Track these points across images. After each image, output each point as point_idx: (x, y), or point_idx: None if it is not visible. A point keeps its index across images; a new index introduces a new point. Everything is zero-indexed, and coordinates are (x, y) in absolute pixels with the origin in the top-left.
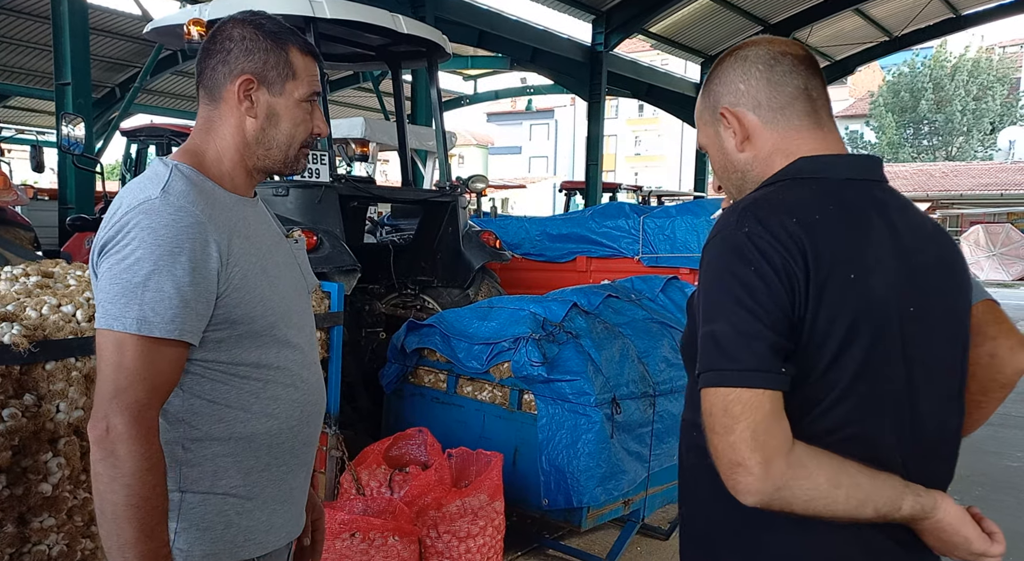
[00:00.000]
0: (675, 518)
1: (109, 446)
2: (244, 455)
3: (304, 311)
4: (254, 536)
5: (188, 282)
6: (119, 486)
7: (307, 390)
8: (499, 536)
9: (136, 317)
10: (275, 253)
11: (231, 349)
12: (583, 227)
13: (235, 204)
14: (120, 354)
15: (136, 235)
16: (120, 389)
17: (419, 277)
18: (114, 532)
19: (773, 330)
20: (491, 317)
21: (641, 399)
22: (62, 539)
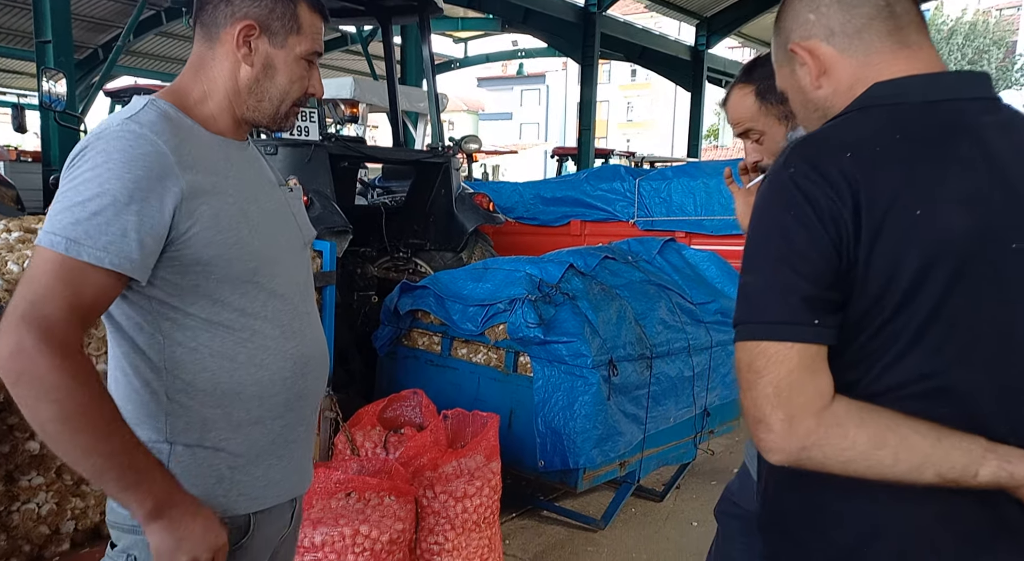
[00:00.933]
0: (670, 480)
1: (23, 365)
2: (233, 407)
3: (297, 262)
4: (249, 491)
5: (134, 210)
6: (50, 402)
7: (301, 342)
8: (496, 496)
9: (67, 236)
10: (262, 199)
11: (211, 295)
12: (577, 190)
13: (216, 144)
14: (43, 272)
15: (90, 157)
16: (31, 304)
17: (411, 240)
18: (69, 446)
19: (810, 280)
20: (486, 278)
21: (638, 361)
22: (51, 498)
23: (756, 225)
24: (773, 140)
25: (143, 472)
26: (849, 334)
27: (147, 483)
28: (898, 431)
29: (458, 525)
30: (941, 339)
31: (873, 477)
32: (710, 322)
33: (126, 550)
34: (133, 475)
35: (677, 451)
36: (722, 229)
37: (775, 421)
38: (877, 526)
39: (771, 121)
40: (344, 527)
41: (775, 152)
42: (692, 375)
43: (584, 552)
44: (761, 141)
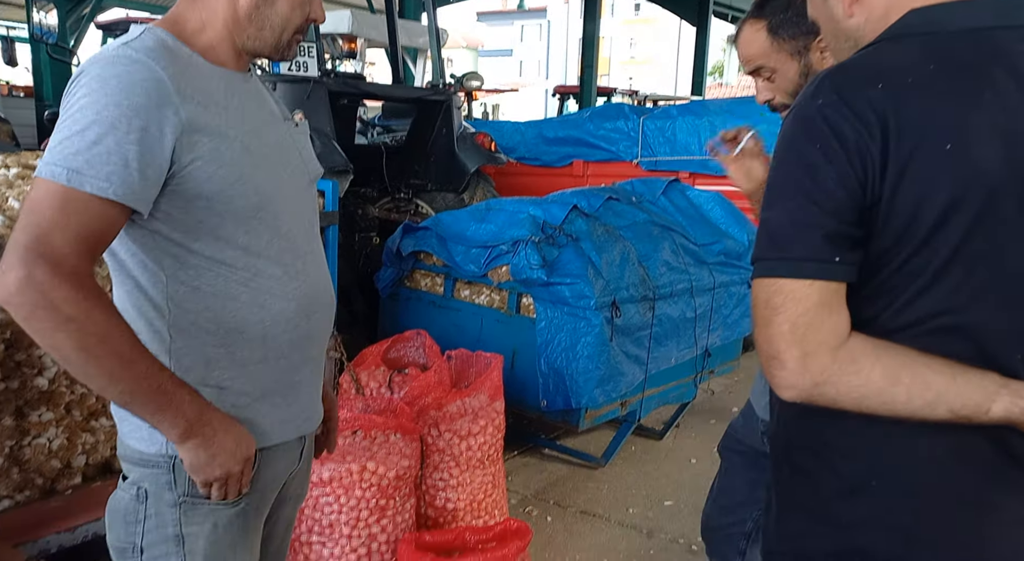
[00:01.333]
0: (670, 419)
1: (35, 297)
2: (236, 347)
3: (301, 199)
4: (256, 429)
5: (135, 140)
6: (69, 332)
7: (305, 281)
8: (499, 435)
9: (68, 166)
10: (265, 133)
11: (213, 231)
12: (580, 130)
13: (215, 74)
14: (47, 204)
15: (85, 83)
16: (37, 237)
17: (412, 180)
18: (95, 374)
19: (834, 216)
20: (489, 219)
21: (641, 303)
22: (62, 433)
23: (782, 158)
24: (785, 77)
25: (171, 394)
26: (869, 270)
27: (177, 404)
28: (913, 368)
29: (462, 462)
30: (962, 276)
31: (886, 413)
32: (713, 263)
33: (136, 482)
34: (162, 398)
35: (677, 391)
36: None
37: (789, 358)
38: (888, 459)
39: (783, 58)
40: (352, 463)
41: (787, 89)
42: (694, 316)
43: (585, 488)
44: (773, 79)
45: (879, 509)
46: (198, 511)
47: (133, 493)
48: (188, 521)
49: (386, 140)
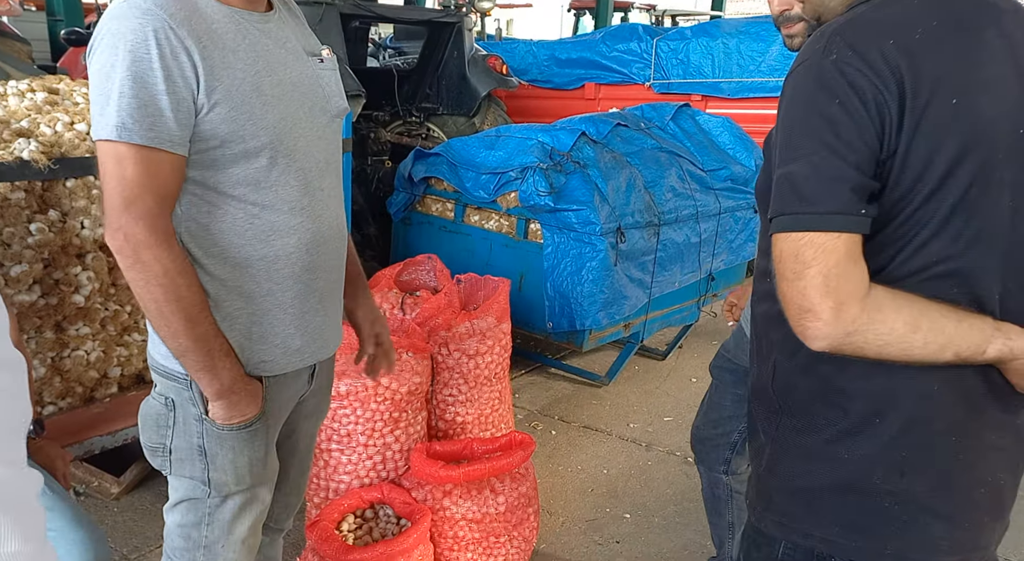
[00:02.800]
0: (673, 340)
1: (132, 254)
2: (243, 280)
3: (320, 135)
4: (267, 357)
5: (163, 90)
6: (155, 287)
7: (311, 216)
8: (506, 354)
9: (116, 124)
10: (281, 70)
11: (225, 169)
12: (593, 51)
13: (227, 16)
14: (120, 166)
15: (107, 41)
16: (129, 200)
17: (424, 104)
18: (162, 324)
19: (858, 170)
20: (498, 146)
21: (646, 228)
22: (98, 346)
23: (799, 113)
24: None
25: (217, 358)
26: (879, 221)
27: (219, 368)
28: (928, 315)
29: (470, 379)
30: (961, 225)
31: (901, 359)
32: (720, 188)
33: (163, 393)
34: (210, 359)
35: (681, 313)
36: (738, 92)
37: (824, 309)
38: (889, 398)
39: None
40: (366, 379)
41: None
42: (699, 241)
43: (588, 405)
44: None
45: (879, 444)
46: (213, 427)
47: (162, 401)
48: (208, 436)
49: (398, 63)
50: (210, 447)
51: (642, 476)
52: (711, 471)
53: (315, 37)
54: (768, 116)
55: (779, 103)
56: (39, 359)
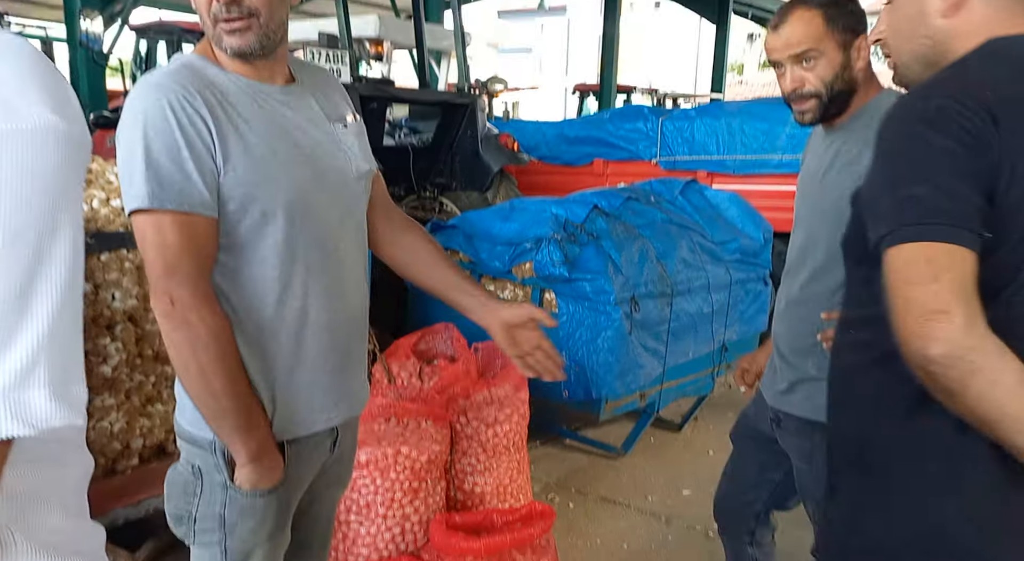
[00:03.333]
0: (688, 411)
1: (179, 316)
2: (263, 342)
3: (342, 195)
4: (292, 418)
5: (186, 156)
6: (200, 348)
7: (327, 276)
8: (524, 423)
9: (146, 193)
10: (299, 136)
11: (242, 231)
12: (600, 129)
13: (240, 88)
14: (159, 232)
15: (128, 119)
16: (171, 265)
17: (437, 179)
18: (204, 386)
19: (979, 194)
20: (513, 218)
21: (659, 298)
22: (122, 417)
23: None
24: (829, 65)
25: (253, 419)
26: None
27: (254, 429)
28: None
29: (489, 448)
30: None
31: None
32: (729, 260)
33: (189, 460)
34: (245, 420)
35: (695, 384)
36: (743, 168)
37: (959, 313)
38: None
39: (832, 46)
40: (387, 448)
41: (824, 78)
42: (711, 312)
43: (605, 476)
44: (813, 66)
45: (962, 502)
46: (237, 494)
47: (189, 469)
48: (231, 504)
49: (413, 141)
50: (230, 515)
51: (663, 551)
52: (735, 542)
53: (347, 102)
54: (774, 192)
55: (878, 151)
56: None
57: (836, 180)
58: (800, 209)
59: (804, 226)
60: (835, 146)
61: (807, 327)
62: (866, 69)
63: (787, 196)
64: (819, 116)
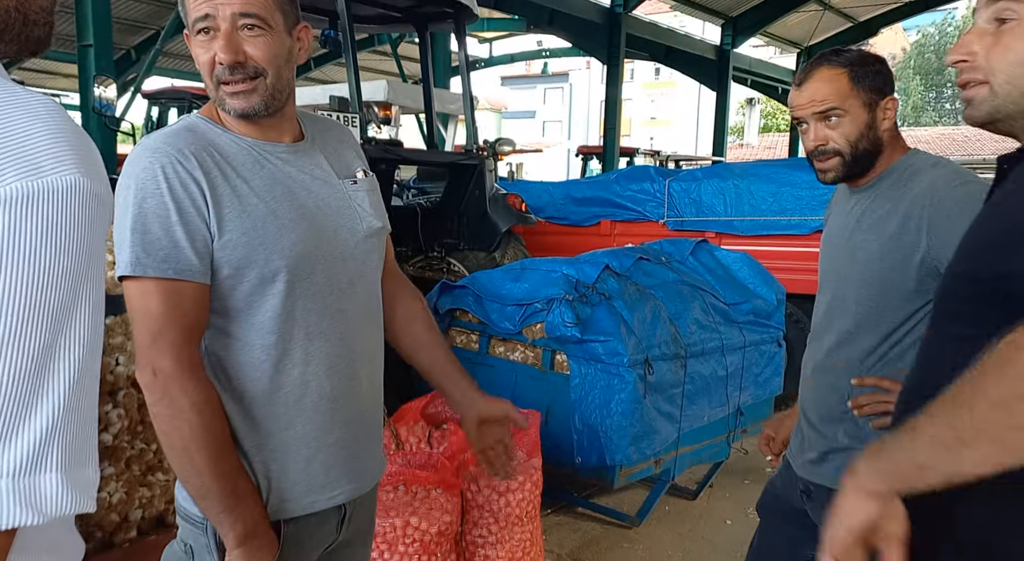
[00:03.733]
0: (703, 478)
1: (160, 388)
2: (261, 414)
3: (351, 255)
4: (289, 496)
5: (176, 221)
6: (181, 422)
7: (329, 341)
8: (537, 491)
9: (130, 260)
10: (304, 196)
11: (239, 297)
12: (607, 191)
13: (242, 148)
14: (144, 300)
15: (122, 184)
16: (155, 334)
17: (445, 240)
18: (186, 462)
19: None
20: (524, 278)
21: (673, 360)
22: (121, 487)
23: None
24: (855, 124)
25: (242, 498)
26: None
27: (242, 509)
28: None
29: (501, 518)
30: None
31: None
32: (743, 322)
33: (183, 538)
34: (233, 500)
35: (711, 449)
36: (752, 230)
37: None
38: None
39: (858, 105)
40: (395, 518)
41: (849, 137)
42: (726, 374)
43: (619, 549)
44: (838, 124)
45: None
46: None
47: (182, 547)
48: None
49: (421, 201)
50: None
51: None
52: None
53: (360, 157)
54: (784, 253)
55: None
56: None
57: (863, 242)
58: (825, 270)
59: (830, 288)
60: (860, 206)
61: (836, 394)
62: (892, 129)
63: (797, 257)
64: (842, 175)
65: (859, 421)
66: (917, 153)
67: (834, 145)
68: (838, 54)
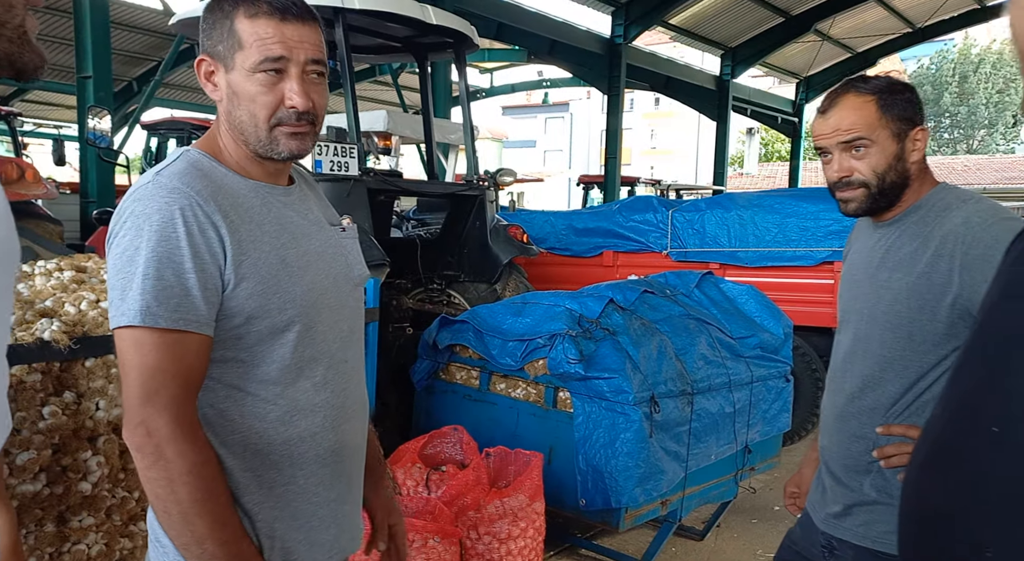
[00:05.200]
0: (710, 518)
1: (155, 451)
2: (263, 469)
3: (343, 304)
4: (294, 555)
5: (190, 268)
6: (179, 486)
7: (334, 392)
8: (540, 537)
9: (139, 309)
10: (304, 242)
11: (249, 347)
12: (610, 221)
13: (250, 190)
14: (141, 353)
15: (131, 223)
16: (152, 390)
17: (445, 272)
18: (186, 530)
19: None
20: (526, 313)
21: (679, 397)
22: (101, 538)
23: None
24: (883, 154)
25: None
26: None
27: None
28: None
29: None
30: None
31: None
32: (750, 357)
33: None
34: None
35: (719, 489)
36: (756, 261)
37: None
38: None
39: (886, 135)
40: None
41: (877, 168)
42: (733, 411)
43: None
44: (864, 155)
45: None
46: None
47: None
48: None
49: (421, 233)
50: None
51: None
52: None
53: (332, 209)
54: (789, 284)
55: None
56: (35, 557)
57: (888, 280)
58: (846, 309)
59: (851, 328)
60: (886, 242)
61: (861, 444)
62: (921, 162)
63: (803, 288)
64: (866, 207)
65: (886, 473)
66: (947, 187)
67: (860, 177)
68: (866, 81)
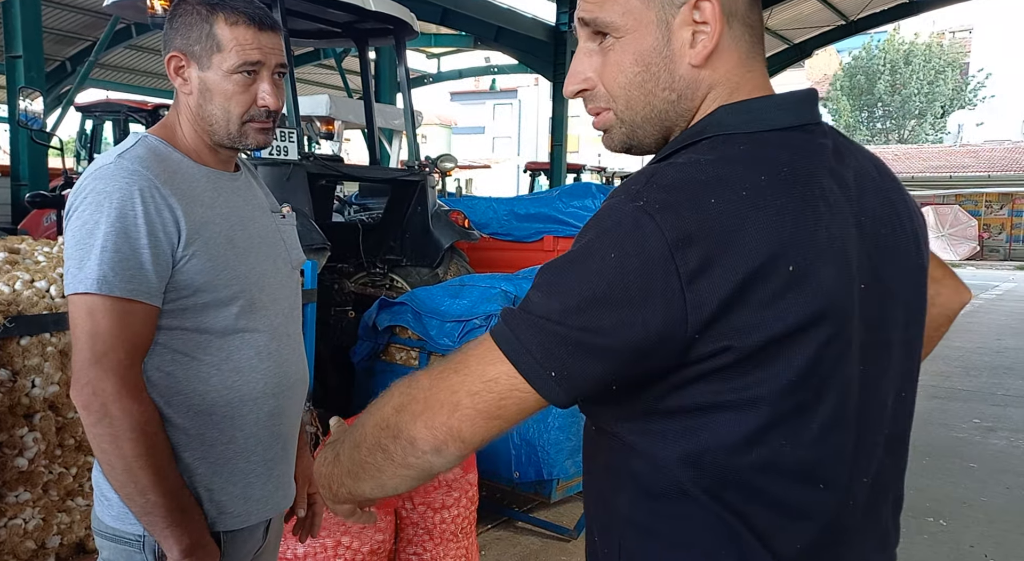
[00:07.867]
0: None
1: (100, 409)
2: (205, 428)
3: (282, 285)
4: (229, 509)
5: (145, 244)
6: (124, 441)
7: (276, 362)
8: (472, 507)
9: (96, 277)
10: (250, 225)
11: (195, 317)
12: (550, 207)
13: (203, 176)
14: (92, 319)
15: (92, 199)
16: (100, 353)
17: (387, 256)
18: (129, 482)
19: None
20: (463, 295)
21: None
22: (38, 513)
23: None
24: None
25: (186, 513)
26: None
27: (188, 523)
28: None
29: (436, 535)
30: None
31: None
32: None
33: (110, 559)
34: (179, 515)
35: None
36: None
37: None
38: None
39: None
40: (326, 538)
41: None
42: None
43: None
44: None
45: None
46: None
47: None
48: None
49: (362, 217)
50: None
51: None
52: None
53: (272, 196)
54: None
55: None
56: None
57: None
58: None
59: None
60: None
61: None
62: None
63: None
64: None
65: None
66: None
67: None
68: None
